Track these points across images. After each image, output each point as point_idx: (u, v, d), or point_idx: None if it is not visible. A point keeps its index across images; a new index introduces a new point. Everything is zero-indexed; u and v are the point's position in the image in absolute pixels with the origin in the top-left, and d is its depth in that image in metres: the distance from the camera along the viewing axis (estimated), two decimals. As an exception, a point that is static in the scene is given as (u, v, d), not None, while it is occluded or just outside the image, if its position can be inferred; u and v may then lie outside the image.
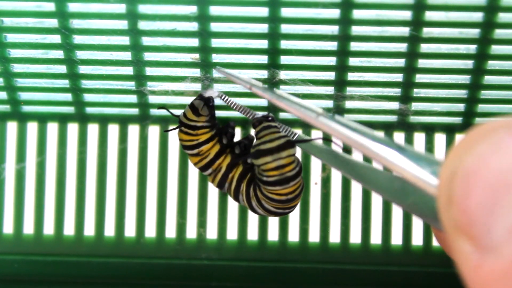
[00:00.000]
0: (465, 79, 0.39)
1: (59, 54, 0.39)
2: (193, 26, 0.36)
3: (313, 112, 0.29)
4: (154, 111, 0.42)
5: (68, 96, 0.42)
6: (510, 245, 0.17)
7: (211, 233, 0.44)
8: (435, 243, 0.43)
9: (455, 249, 0.19)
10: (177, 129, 0.39)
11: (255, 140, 0.36)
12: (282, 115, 0.42)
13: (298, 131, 0.38)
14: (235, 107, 0.38)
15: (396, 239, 0.43)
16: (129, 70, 0.39)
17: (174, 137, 0.43)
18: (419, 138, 0.43)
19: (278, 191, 0.36)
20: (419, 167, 0.21)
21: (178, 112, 0.39)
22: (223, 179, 0.39)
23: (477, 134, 0.19)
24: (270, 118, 0.36)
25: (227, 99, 0.38)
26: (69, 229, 0.44)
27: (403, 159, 0.22)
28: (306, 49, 0.38)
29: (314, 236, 0.44)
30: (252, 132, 0.40)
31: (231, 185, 0.38)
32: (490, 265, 0.18)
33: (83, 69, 0.40)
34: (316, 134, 0.42)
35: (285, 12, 0.36)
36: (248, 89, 0.34)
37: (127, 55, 0.38)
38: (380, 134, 0.25)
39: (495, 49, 0.37)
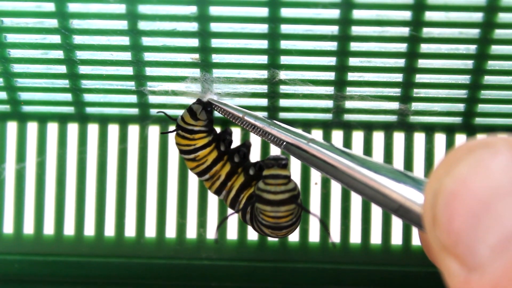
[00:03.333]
0: (465, 79, 0.39)
1: (59, 54, 0.39)
2: (193, 26, 0.36)
3: (304, 138, 0.30)
4: (154, 111, 0.42)
5: (68, 96, 0.42)
6: (493, 264, 0.18)
7: (211, 233, 0.44)
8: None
9: (442, 266, 0.20)
10: (174, 133, 0.39)
11: (260, 182, 0.35)
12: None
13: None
14: (230, 117, 0.37)
15: (396, 239, 0.43)
16: (129, 70, 0.39)
17: (174, 137, 0.42)
18: (419, 138, 0.43)
19: (270, 231, 0.36)
20: (406, 189, 0.23)
21: (176, 112, 0.39)
22: (221, 187, 0.38)
23: (456, 154, 0.20)
24: (283, 163, 0.35)
25: (223, 111, 0.37)
26: (69, 229, 0.44)
27: (391, 181, 0.23)
28: (306, 49, 0.38)
29: (314, 236, 0.44)
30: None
31: (230, 194, 0.38)
32: (476, 282, 0.18)
33: (83, 69, 0.40)
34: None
35: (285, 12, 0.36)
36: (241, 118, 0.36)
37: (127, 55, 0.38)
38: (368, 157, 0.26)
39: (495, 49, 0.37)
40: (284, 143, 0.33)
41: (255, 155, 0.42)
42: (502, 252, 0.18)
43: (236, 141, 0.40)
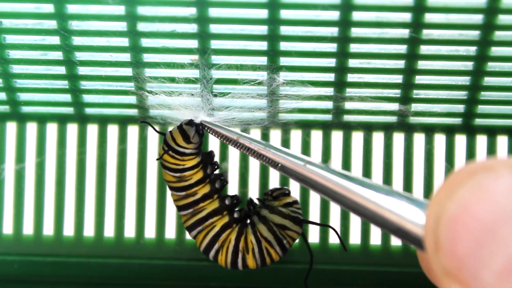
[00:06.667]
0: (465, 80, 0.39)
1: (58, 55, 0.39)
2: (193, 27, 0.36)
3: (301, 160, 0.29)
4: (153, 112, 0.42)
5: (67, 97, 0.42)
6: None
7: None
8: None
9: None
10: (161, 147, 0.38)
11: (284, 208, 0.39)
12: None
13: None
14: (225, 139, 0.36)
15: (396, 240, 0.43)
16: (128, 71, 0.39)
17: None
18: (419, 139, 0.43)
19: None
20: (405, 211, 0.22)
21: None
22: (192, 204, 0.38)
23: (457, 178, 0.19)
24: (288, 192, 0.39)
25: (216, 134, 0.37)
26: (68, 230, 0.44)
27: (391, 203, 0.23)
28: (306, 50, 0.38)
29: (314, 237, 0.44)
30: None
31: (198, 214, 0.38)
32: None
33: (82, 70, 0.40)
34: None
35: (285, 14, 0.36)
36: (236, 140, 0.35)
37: (126, 57, 0.38)
38: (367, 179, 0.25)
39: (495, 50, 0.37)
40: (280, 164, 0.32)
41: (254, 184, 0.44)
42: (507, 277, 0.17)
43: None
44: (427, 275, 0.25)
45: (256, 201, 0.40)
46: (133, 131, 0.44)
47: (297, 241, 0.43)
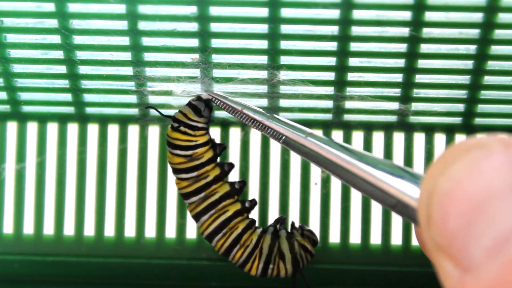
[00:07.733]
0: (465, 79, 0.39)
1: (59, 54, 0.39)
2: (193, 26, 0.36)
3: (303, 132, 0.30)
4: (153, 111, 0.42)
5: (68, 96, 0.42)
6: (487, 266, 0.18)
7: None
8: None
9: (437, 265, 0.20)
10: (169, 128, 0.39)
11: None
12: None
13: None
14: (230, 111, 0.37)
15: (396, 239, 0.43)
16: (129, 71, 0.39)
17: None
18: (419, 138, 0.43)
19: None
20: (404, 184, 0.22)
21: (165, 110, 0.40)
22: (205, 187, 0.39)
23: (451, 154, 0.19)
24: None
25: (222, 104, 0.37)
26: (69, 229, 0.44)
27: (389, 176, 0.23)
28: (306, 49, 0.38)
29: (314, 236, 0.44)
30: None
31: (211, 197, 0.39)
32: (470, 283, 0.18)
33: (83, 69, 0.40)
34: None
35: (285, 12, 0.36)
36: (240, 111, 0.36)
37: (127, 56, 0.38)
38: (367, 152, 0.25)
39: (495, 49, 0.37)
40: (283, 137, 0.32)
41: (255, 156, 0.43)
42: (496, 254, 0.18)
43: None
44: (422, 248, 0.25)
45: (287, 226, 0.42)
46: (133, 130, 0.44)
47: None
